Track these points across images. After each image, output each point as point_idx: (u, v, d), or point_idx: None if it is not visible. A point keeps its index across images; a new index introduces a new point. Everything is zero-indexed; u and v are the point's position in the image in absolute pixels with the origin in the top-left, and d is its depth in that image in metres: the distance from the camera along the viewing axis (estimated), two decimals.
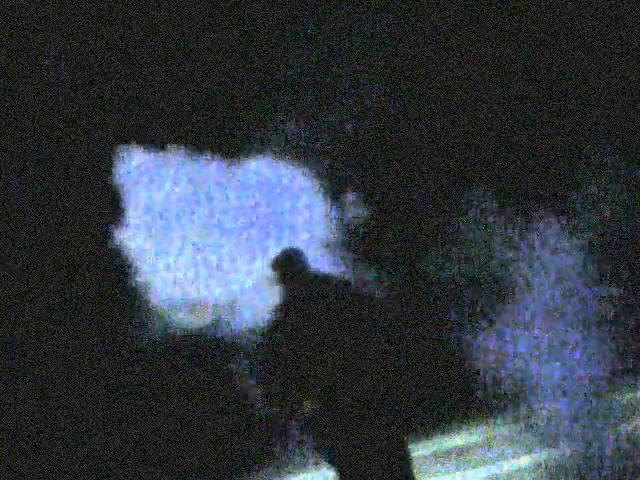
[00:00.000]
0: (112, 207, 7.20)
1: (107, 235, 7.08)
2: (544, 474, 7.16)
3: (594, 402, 8.41)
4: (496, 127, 10.09)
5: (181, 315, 7.09)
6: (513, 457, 7.91)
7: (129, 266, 7.02)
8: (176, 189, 7.20)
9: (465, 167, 9.93)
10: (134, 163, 7.26)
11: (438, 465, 8.31)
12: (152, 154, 7.27)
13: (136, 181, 7.18)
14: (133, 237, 7.05)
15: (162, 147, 7.30)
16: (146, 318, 7.42)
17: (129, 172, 7.23)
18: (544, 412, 8.53)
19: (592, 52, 10.08)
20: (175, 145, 7.26)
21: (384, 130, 10.00)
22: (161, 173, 7.25)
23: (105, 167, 7.31)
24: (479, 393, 9.00)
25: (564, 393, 8.53)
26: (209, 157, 7.29)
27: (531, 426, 8.53)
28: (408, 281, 9.61)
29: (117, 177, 7.20)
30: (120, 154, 7.26)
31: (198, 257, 7.05)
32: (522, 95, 10.09)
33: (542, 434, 8.27)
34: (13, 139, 9.81)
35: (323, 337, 5.00)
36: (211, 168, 7.28)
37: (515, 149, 10.03)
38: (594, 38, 10.10)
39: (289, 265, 5.30)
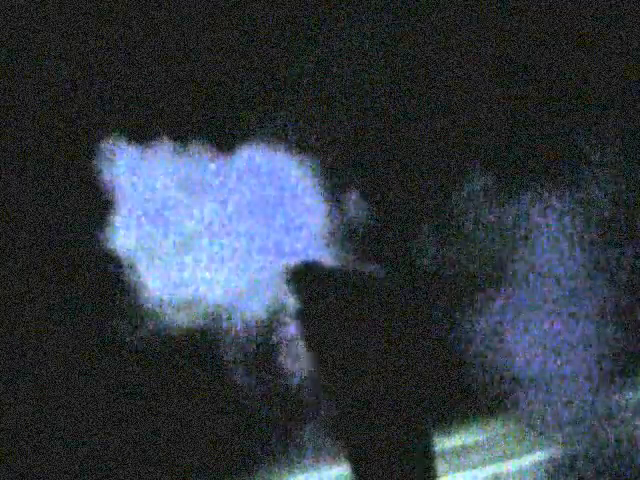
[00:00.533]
0: (110, 205, 7.20)
1: (106, 234, 7.08)
2: (544, 474, 7.15)
3: (595, 402, 8.41)
4: (496, 127, 10.10)
5: (180, 314, 7.09)
6: (513, 457, 7.91)
7: (128, 265, 7.02)
8: (175, 188, 7.21)
9: (465, 167, 9.93)
10: (131, 161, 7.27)
11: (438, 465, 8.30)
12: (149, 152, 7.28)
13: (134, 179, 7.19)
14: (131, 236, 7.06)
15: (160, 145, 7.30)
16: (146, 317, 7.42)
17: (127, 171, 7.24)
18: (544, 412, 8.53)
19: (592, 52, 10.09)
20: (173, 143, 7.26)
21: (384, 130, 10.00)
22: (160, 172, 7.26)
23: (103, 165, 7.31)
24: (479, 393, 9.00)
25: (565, 393, 8.53)
26: (208, 156, 7.29)
27: (531, 426, 8.53)
28: (408, 281, 9.61)
29: (115, 175, 7.20)
30: (117, 153, 7.26)
31: (198, 256, 7.06)
32: (522, 95, 10.10)
33: (542, 434, 8.27)
34: (13, 139, 9.82)
35: (337, 339, 5.00)
36: (209, 167, 7.29)
37: (515, 149, 10.04)
38: (594, 38, 10.10)
39: (305, 279, 5.29)
